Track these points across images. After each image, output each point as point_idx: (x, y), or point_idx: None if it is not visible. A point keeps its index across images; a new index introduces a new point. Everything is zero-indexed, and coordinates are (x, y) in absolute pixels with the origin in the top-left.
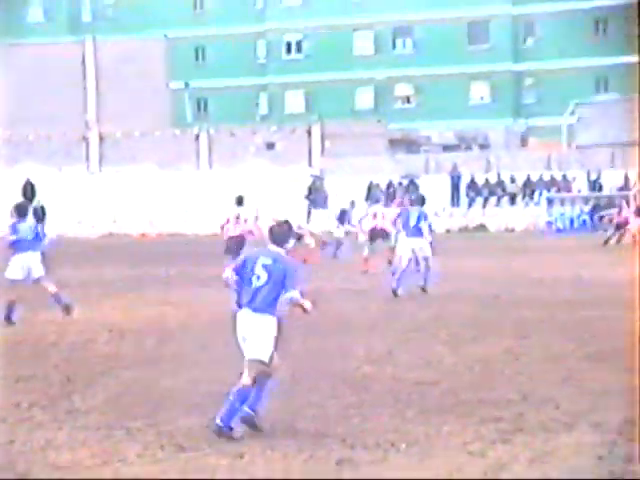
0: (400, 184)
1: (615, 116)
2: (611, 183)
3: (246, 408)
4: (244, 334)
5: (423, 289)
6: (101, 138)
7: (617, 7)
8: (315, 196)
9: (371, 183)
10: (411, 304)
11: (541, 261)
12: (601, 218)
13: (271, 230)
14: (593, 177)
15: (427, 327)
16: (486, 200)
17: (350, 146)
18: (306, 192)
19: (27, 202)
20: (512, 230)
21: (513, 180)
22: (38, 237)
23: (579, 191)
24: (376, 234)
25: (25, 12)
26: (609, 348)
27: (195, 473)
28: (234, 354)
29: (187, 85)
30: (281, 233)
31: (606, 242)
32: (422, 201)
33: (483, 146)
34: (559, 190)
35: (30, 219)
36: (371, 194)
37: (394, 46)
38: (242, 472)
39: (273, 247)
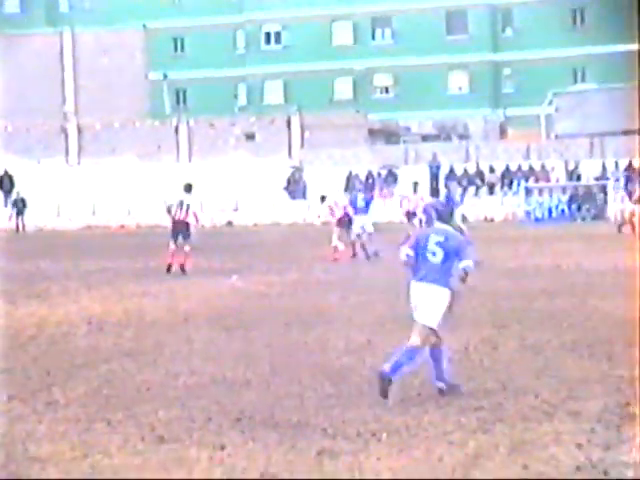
0: (379, 175)
1: (593, 106)
2: (589, 173)
3: (439, 383)
4: (417, 302)
5: None
6: (80, 130)
7: None
8: (294, 187)
9: (350, 174)
10: (389, 294)
11: (519, 251)
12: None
13: (436, 209)
14: (571, 167)
15: (405, 318)
16: (465, 190)
17: (329, 137)
18: (285, 183)
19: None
20: (491, 220)
21: (492, 170)
22: None
23: (557, 181)
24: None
25: (2, 3)
26: (587, 337)
27: (176, 464)
28: (213, 346)
29: (166, 76)
30: (446, 212)
31: (619, 229)
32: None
33: (462, 136)
34: (537, 180)
35: None
36: (350, 185)
37: (373, 36)
38: (223, 463)
39: (440, 225)
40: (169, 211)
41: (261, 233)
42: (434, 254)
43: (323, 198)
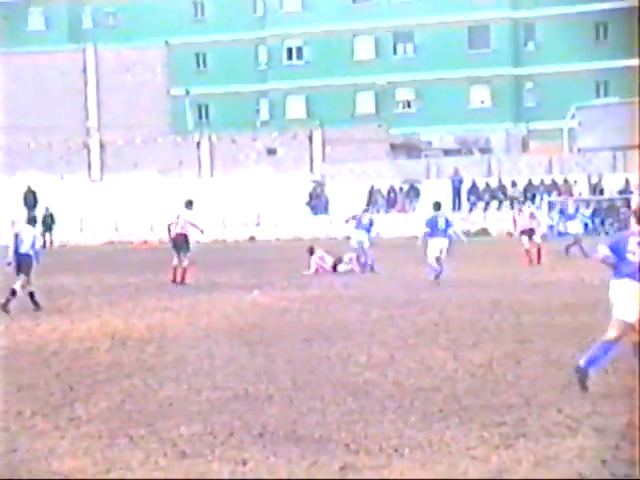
0: (401, 189)
1: (616, 120)
2: (612, 187)
3: (584, 365)
4: (616, 299)
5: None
6: (102, 145)
7: (617, 10)
8: (316, 202)
9: (372, 188)
10: (411, 309)
11: (542, 265)
12: None
13: (635, 212)
14: (594, 181)
15: (427, 333)
16: (487, 204)
17: (351, 151)
18: (307, 198)
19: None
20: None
21: (514, 184)
22: None
23: (580, 194)
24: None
25: (25, 20)
26: None
27: None
28: (235, 361)
29: (188, 92)
30: None
31: None
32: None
33: (484, 150)
34: (560, 194)
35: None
36: (372, 199)
37: (395, 51)
38: (245, 479)
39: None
40: (169, 229)
41: (283, 248)
42: (634, 253)
43: (312, 251)
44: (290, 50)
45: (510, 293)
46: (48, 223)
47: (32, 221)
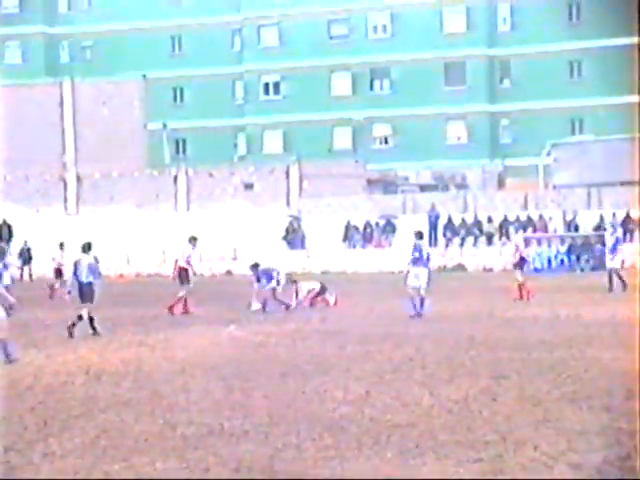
0: (377, 224)
1: (591, 157)
2: (587, 223)
3: None
4: None
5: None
6: (79, 179)
7: (592, 49)
8: (293, 236)
9: (348, 223)
10: (386, 345)
11: (518, 301)
12: None
13: None
14: (569, 217)
15: (403, 368)
16: (463, 240)
17: (328, 186)
18: (284, 233)
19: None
20: (490, 270)
21: (490, 220)
22: None
23: (555, 231)
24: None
25: (2, 54)
26: (586, 389)
27: None
28: (210, 396)
29: (165, 126)
30: None
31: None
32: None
33: (460, 186)
34: (535, 230)
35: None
36: (348, 234)
37: (372, 87)
38: None
39: None
40: (175, 263)
41: None
42: None
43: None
44: (267, 85)
45: (486, 328)
46: (26, 257)
47: (1, 253)
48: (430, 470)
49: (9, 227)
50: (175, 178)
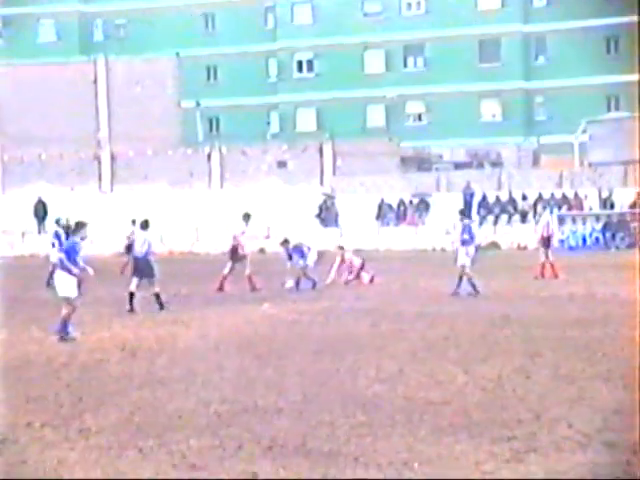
0: (411, 202)
1: (627, 134)
2: (623, 201)
3: None
4: None
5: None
6: (113, 157)
7: (629, 24)
8: (326, 215)
9: (382, 201)
10: (421, 323)
11: (553, 279)
12: None
13: None
14: (605, 195)
15: (437, 346)
16: (497, 218)
17: (361, 164)
18: (317, 211)
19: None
20: (524, 248)
21: (525, 198)
22: None
23: (590, 209)
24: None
25: (36, 32)
26: (621, 367)
27: None
28: (244, 374)
29: (198, 104)
30: None
31: None
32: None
33: (495, 164)
34: (570, 208)
35: None
36: (382, 212)
37: (405, 64)
38: None
39: None
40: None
41: None
42: None
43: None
44: (300, 63)
45: (520, 307)
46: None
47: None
48: (463, 448)
49: (44, 205)
50: (209, 156)
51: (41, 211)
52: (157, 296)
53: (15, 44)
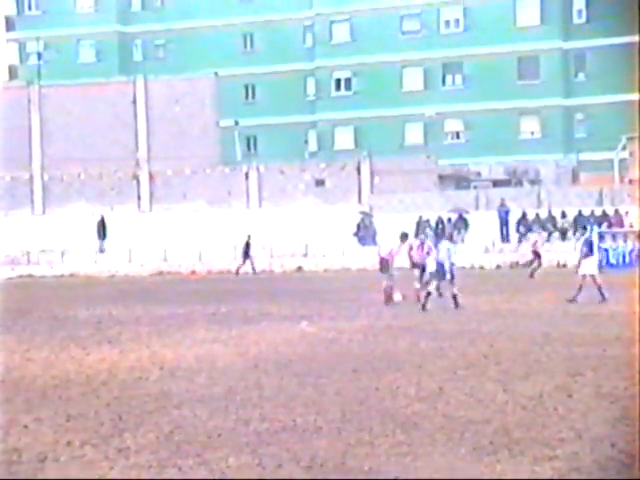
0: (449, 220)
1: None
2: None
3: None
4: None
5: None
6: (152, 177)
7: None
8: (364, 233)
9: (420, 219)
10: (460, 341)
11: (594, 297)
12: None
13: None
14: None
15: (477, 364)
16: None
17: (399, 182)
18: (355, 229)
19: None
20: (564, 266)
21: (564, 215)
22: None
23: (631, 226)
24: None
25: (77, 52)
26: None
27: None
28: (283, 392)
29: (237, 123)
30: None
31: None
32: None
33: (534, 181)
34: (611, 225)
35: None
36: (420, 230)
37: (444, 82)
38: None
39: None
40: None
41: (331, 279)
42: None
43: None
44: (339, 81)
45: (561, 325)
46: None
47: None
48: (504, 468)
49: (104, 225)
50: (247, 175)
51: (101, 231)
52: (454, 297)
53: (56, 65)
